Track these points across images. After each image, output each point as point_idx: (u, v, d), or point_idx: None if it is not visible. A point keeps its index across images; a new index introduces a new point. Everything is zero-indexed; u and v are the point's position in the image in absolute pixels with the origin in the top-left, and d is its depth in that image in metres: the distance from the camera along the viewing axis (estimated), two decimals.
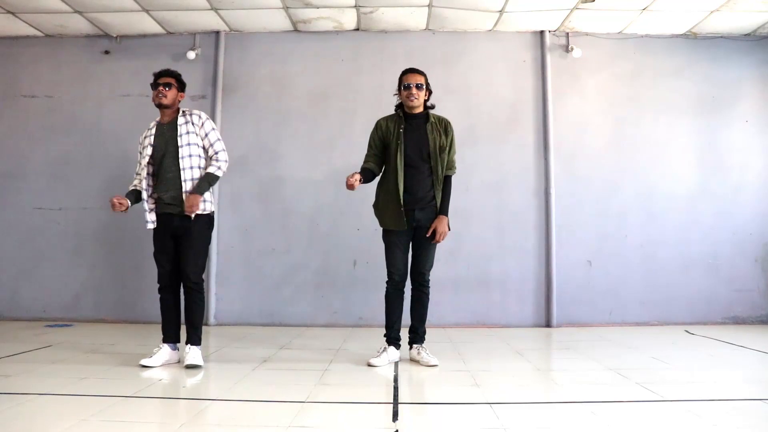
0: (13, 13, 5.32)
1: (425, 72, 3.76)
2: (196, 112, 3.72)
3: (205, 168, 3.65)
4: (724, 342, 4.51)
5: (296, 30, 5.66)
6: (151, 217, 3.65)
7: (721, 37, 5.66)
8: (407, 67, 3.81)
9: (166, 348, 3.63)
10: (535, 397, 2.94)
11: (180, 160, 3.58)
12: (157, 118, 3.74)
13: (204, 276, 3.71)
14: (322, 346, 4.28)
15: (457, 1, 5.12)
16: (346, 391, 3.05)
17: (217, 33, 5.68)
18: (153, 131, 3.68)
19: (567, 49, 5.61)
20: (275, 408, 2.71)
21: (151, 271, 5.19)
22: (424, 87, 3.70)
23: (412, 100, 3.67)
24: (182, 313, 3.69)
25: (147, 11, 5.29)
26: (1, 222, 5.69)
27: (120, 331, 4.99)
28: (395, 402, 2.80)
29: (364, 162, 3.79)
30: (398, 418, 2.55)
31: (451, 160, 3.75)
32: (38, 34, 5.74)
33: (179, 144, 3.60)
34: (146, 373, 3.38)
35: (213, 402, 2.84)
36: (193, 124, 3.66)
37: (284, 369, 3.54)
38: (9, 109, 5.77)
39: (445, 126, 3.77)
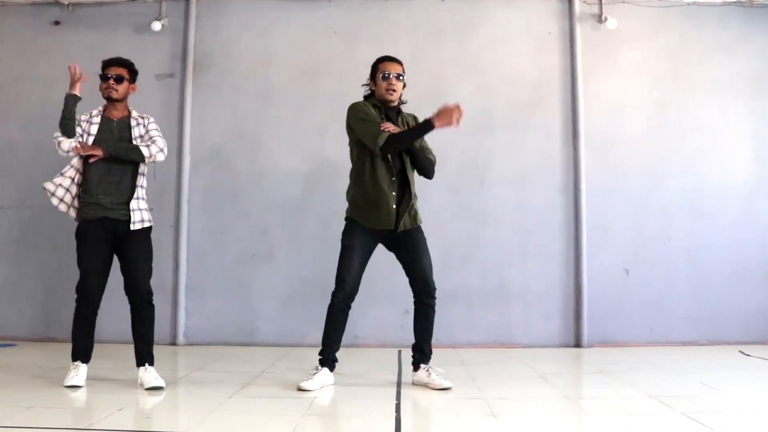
0: None
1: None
2: (146, 115, 3.84)
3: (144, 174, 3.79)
4: None
5: None
6: (71, 213, 3.70)
7: None
8: (385, 55, 3.81)
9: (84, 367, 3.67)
10: (561, 430, 2.88)
11: (136, 167, 3.69)
12: (100, 108, 3.81)
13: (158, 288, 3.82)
14: (311, 370, 4.01)
15: None
16: (339, 422, 3.09)
17: (187, 0, 5.50)
18: (97, 123, 3.74)
19: (600, 19, 5.43)
20: None
21: (110, 281, 5.04)
22: (403, 79, 3.72)
23: (391, 93, 3.67)
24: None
25: None
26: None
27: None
28: None
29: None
30: None
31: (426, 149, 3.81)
32: None
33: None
34: (102, 401, 3.30)
35: None
36: (144, 126, 3.76)
37: (266, 396, 3.48)
38: None
39: (414, 120, 3.83)
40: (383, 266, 5.21)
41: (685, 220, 5.32)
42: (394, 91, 3.62)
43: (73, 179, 3.64)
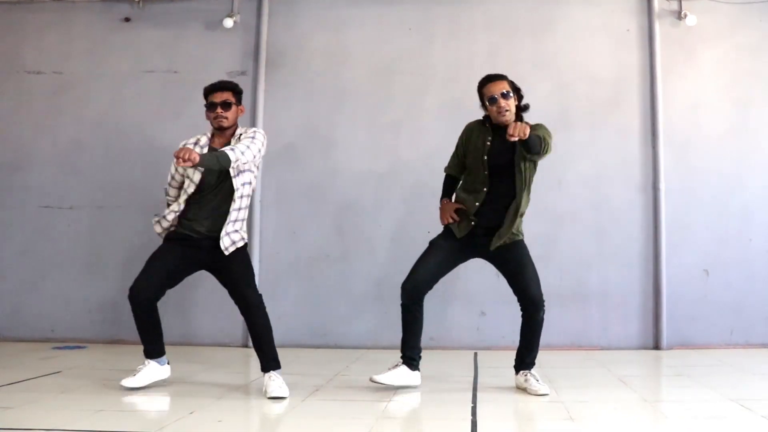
0: None
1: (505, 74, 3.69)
2: (252, 130, 3.66)
3: (247, 196, 3.65)
4: None
5: None
6: (161, 228, 3.68)
7: None
8: (485, 76, 3.69)
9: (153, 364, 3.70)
10: None
11: (233, 195, 3.54)
12: (207, 134, 3.71)
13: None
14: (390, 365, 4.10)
15: None
16: (414, 426, 3.12)
17: None
18: (205, 151, 3.59)
19: (679, 15, 5.40)
20: None
21: (183, 284, 5.10)
22: (512, 92, 3.62)
23: (504, 114, 3.58)
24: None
25: None
26: (1, 223, 5.63)
27: (141, 353, 4.86)
28: None
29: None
30: None
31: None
32: None
33: (231, 175, 3.50)
34: (174, 405, 3.38)
35: None
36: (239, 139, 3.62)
37: (340, 400, 3.51)
38: (11, 87, 5.69)
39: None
40: (459, 267, 5.38)
41: (766, 220, 5.29)
42: (506, 111, 3.55)
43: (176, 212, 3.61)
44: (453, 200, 3.79)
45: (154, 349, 3.65)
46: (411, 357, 3.67)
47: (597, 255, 5.28)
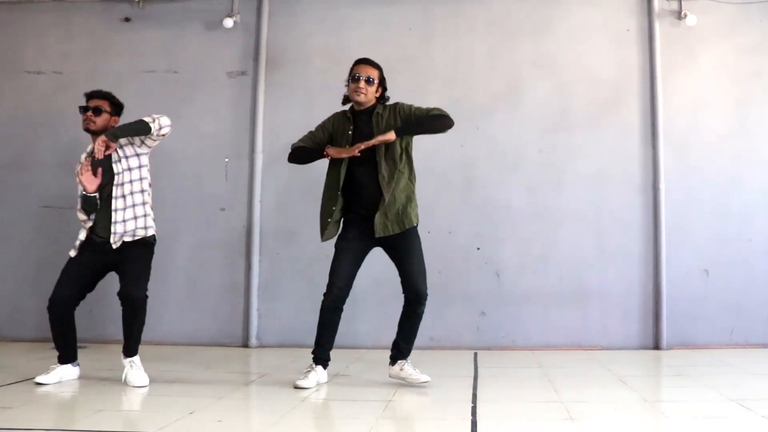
0: None
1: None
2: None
3: (142, 191, 3.85)
4: None
5: None
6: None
7: None
8: (361, 57, 3.94)
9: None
10: None
11: (114, 188, 3.75)
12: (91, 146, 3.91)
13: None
14: (386, 372, 4.13)
15: None
16: (414, 425, 3.15)
17: None
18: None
19: (679, 15, 5.46)
20: None
21: (183, 284, 5.17)
22: (376, 82, 3.81)
23: (358, 95, 3.77)
24: None
25: None
26: (0, 222, 5.66)
27: (142, 352, 4.78)
28: None
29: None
30: None
31: (418, 110, 3.84)
32: None
33: (115, 170, 3.76)
34: (170, 405, 3.36)
35: None
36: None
37: (340, 399, 3.57)
38: (10, 87, 5.74)
39: (393, 108, 3.86)
40: (458, 268, 5.37)
41: (766, 220, 5.34)
42: (360, 93, 3.73)
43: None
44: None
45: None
46: (326, 359, 3.92)
47: (597, 255, 5.34)
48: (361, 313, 5.36)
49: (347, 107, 3.91)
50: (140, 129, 3.70)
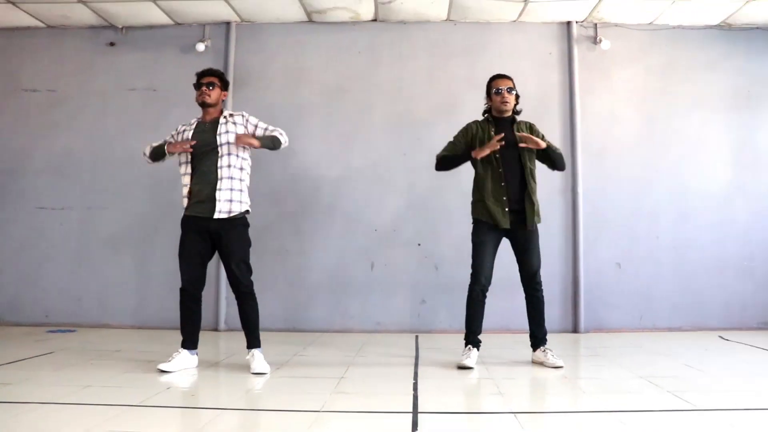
0: (13, 3, 5.55)
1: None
2: (238, 113, 4.06)
3: (241, 169, 3.96)
4: (760, 348, 4.65)
5: (311, 21, 5.94)
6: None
7: (758, 28, 5.89)
8: (497, 73, 4.22)
9: (185, 353, 3.89)
10: (561, 406, 3.09)
11: (219, 159, 3.87)
12: (198, 116, 4.06)
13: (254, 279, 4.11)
14: (338, 353, 4.46)
15: None
16: (363, 400, 3.14)
17: (228, 24, 5.93)
18: (193, 126, 4.00)
19: (595, 41, 5.85)
20: (288, 418, 2.82)
21: (158, 274, 5.53)
22: (515, 91, 4.08)
23: (505, 105, 4.03)
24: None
25: (154, 1, 5.55)
26: (1, 222, 5.91)
27: (125, 336, 5.21)
28: (414, 411, 2.88)
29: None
30: (418, 428, 2.63)
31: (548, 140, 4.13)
32: (40, 25, 6.00)
33: (218, 142, 3.89)
34: (152, 381, 3.50)
35: (223, 411, 2.94)
36: (234, 123, 3.96)
37: (298, 377, 3.66)
38: (9, 103, 6.01)
39: (530, 127, 4.15)
40: (398, 261, 5.65)
41: (671, 220, 5.71)
42: (507, 102, 4.03)
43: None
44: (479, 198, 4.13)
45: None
46: (479, 342, 4.06)
47: None
48: (315, 302, 5.61)
49: (481, 118, 4.16)
50: (276, 142, 3.95)
